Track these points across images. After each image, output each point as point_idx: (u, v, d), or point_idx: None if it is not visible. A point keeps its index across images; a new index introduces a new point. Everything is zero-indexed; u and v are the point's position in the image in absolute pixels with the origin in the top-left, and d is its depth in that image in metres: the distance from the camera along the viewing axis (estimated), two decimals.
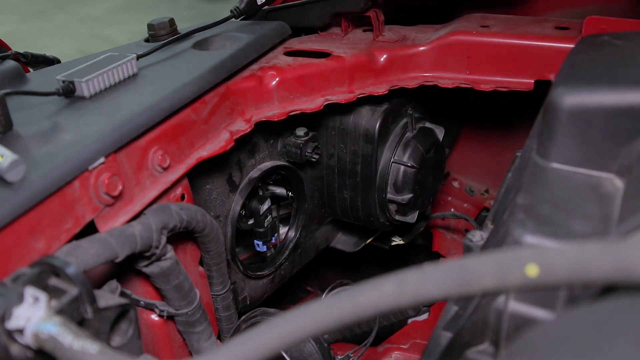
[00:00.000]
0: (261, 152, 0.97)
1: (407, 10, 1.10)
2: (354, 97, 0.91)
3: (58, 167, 0.58)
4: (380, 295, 0.35)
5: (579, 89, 0.52)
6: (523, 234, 0.45)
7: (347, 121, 1.01)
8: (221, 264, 0.82)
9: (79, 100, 0.72)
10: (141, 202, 0.68)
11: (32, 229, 0.55)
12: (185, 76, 0.77)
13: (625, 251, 0.32)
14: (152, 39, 0.94)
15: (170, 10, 4.55)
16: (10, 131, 0.65)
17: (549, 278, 0.33)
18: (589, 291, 0.41)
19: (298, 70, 0.89)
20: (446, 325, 0.54)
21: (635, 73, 0.54)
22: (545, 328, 0.35)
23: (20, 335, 0.44)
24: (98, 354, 0.41)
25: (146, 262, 0.68)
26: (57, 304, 0.47)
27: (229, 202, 0.93)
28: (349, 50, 0.94)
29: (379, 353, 0.98)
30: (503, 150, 0.97)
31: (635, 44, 0.61)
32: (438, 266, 0.35)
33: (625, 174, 0.49)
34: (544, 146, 0.53)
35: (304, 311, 0.36)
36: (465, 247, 0.62)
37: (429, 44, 0.93)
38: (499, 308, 0.47)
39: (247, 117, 0.86)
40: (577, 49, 0.63)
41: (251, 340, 0.36)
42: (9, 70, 0.82)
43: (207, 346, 0.78)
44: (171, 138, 0.73)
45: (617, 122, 0.50)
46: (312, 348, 0.80)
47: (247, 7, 0.99)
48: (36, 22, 4.80)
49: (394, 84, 0.94)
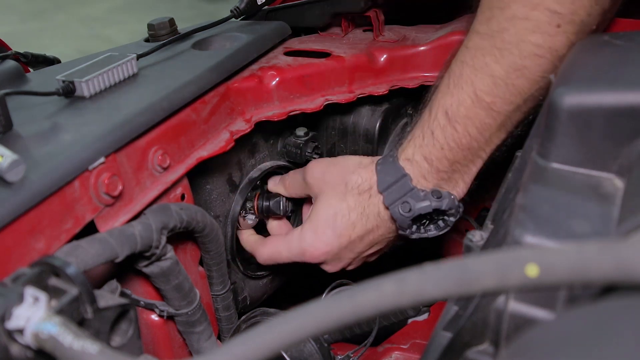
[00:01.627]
0: (261, 152, 0.97)
1: (407, 10, 1.10)
2: (354, 97, 0.91)
3: (58, 167, 0.58)
4: (380, 295, 0.35)
5: (579, 89, 0.52)
6: (523, 234, 0.45)
7: (347, 121, 1.01)
8: (221, 264, 0.82)
9: (79, 100, 0.72)
10: (141, 202, 0.68)
11: (32, 229, 0.55)
12: (185, 76, 0.77)
13: (625, 251, 0.33)
14: (152, 39, 0.94)
15: (170, 10, 4.55)
16: (10, 131, 0.65)
17: (549, 278, 0.33)
18: (589, 291, 0.41)
19: (298, 70, 0.89)
20: (446, 325, 0.54)
21: (635, 73, 0.54)
22: (545, 328, 0.35)
23: (20, 335, 0.45)
24: (98, 354, 0.41)
25: (146, 262, 0.68)
26: (57, 304, 0.47)
27: (229, 202, 0.93)
28: (349, 50, 0.94)
29: (379, 353, 0.98)
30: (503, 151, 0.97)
31: (635, 44, 0.61)
32: (438, 266, 0.35)
33: (625, 174, 0.49)
34: (544, 146, 0.53)
35: (304, 311, 0.36)
36: (465, 247, 0.62)
37: (429, 44, 0.93)
38: (499, 308, 0.47)
39: (247, 117, 0.86)
40: (577, 49, 0.63)
41: (251, 340, 0.36)
42: (9, 70, 0.82)
43: (207, 346, 0.78)
44: (171, 138, 0.73)
45: (617, 122, 0.49)
46: (312, 348, 0.80)
47: (247, 7, 0.99)
48: (36, 22, 4.80)
49: (394, 84, 0.94)
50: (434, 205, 0.74)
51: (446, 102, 0.72)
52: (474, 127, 0.70)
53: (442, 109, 0.72)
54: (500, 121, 0.70)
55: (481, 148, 0.73)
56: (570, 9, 0.62)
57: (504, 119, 0.70)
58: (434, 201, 0.74)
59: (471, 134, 0.71)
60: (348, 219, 0.81)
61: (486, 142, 0.72)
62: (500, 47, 0.66)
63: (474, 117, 0.70)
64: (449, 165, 0.74)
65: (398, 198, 0.76)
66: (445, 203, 0.74)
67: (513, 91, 0.67)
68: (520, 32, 0.64)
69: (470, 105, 0.70)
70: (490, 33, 0.67)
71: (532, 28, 0.64)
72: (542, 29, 0.63)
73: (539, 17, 0.63)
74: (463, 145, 0.72)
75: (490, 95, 0.68)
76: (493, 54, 0.67)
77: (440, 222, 0.79)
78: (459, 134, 0.71)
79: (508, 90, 0.67)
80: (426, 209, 0.74)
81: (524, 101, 0.68)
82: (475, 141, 0.72)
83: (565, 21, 0.62)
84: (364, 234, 0.82)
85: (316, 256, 0.84)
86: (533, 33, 0.64)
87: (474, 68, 0.69)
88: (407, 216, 0.75)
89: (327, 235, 0.82)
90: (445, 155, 0.73)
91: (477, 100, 0.69)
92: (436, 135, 0.73)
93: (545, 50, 0.64)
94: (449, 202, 0.74)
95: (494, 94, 0.68)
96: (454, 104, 0.71)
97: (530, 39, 0.64)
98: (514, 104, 0.68)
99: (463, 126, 0.71)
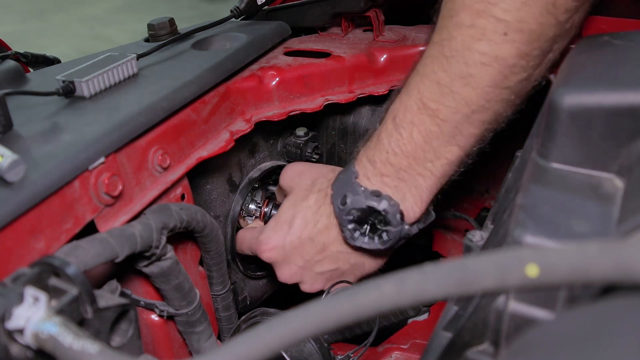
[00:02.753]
0: (261, 152, 0.97)
1: (407, 10, 1.10)
2: (354, 97, 0.92)
3: (58, 167, 0.58)
4: (380, 295, 0.35)
5: (579, 89, 0.52)
6: (523, 234, 0.45)
7: (347, 121, 1.01)
8: (221, 264, 0.82)
9: (79, 100, 0.72)
10: (141, 202, 0.68)
11: (32, 229, 0.55)
12: (185, 76, 0.77)
13: (625, 251, 0.33)
14: (152, 39, 0.94)
15: (170, 10, 4.55)
16: (10, 131, 0.65)
17: (549, 278, 0.33)
18: (589, 291, 0.41)
19: (298, 70, 0.89)
20: (446, 325, 0.54)
21: (635, 73, 0.54)
22: (546, 328, 0.36)
23: (20, 335, 0.45)
24: (98, 354, 0.41)
25: (146, 262, 0.68)
26: (57, 304, 0.47)
27: (229, 202, 0.93)
28: (349, 50, 0.94)
29: (379, 353, 0.98)
30: (503, 151, 0.97)
31: (635, 44, 0.61)
32: (438, 266, 0.35)
33: (625, 174, 0.49)
34: (544, 146, 0.53)
35: (304, 311, 0.36)
36: (465, 247, 0.62)
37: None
38: (499, 308, 0.47)
39: (247, 117, 0.86)
40: (577, 49, 0.63)
41: (251, 340, 0.36)
42: (9, 70, 0.82)
43: (207, 346, 0.78)
44: (171, 138, 0.73)
45: (617, 122, 0.50)
46: (312, 348, 0.80)
47: (247, 7, 0.99)
48: (36, 22, 4.80)
49: (394, 84, 0.94)
50: (368, 202, 0.73)
51: (395, 107, 0.72)
52: (418, 133, 0.70)
53: (391, 115, 0.73)
54: (447, 131, 0.69)
55: (428, 159, 0.71)
56: (516, 16, 0.61)
57: (451, 129, 0.69)
58: (370, 199, 0.73)
59: (416, 141, 0.70)
60: (303, 216, 0.81)
61: (435, 154, 0.71)
62: (447, 55, 0.66)
63: (419, 124, 0.70)
64: (393, 171, 0.73)
65: (339, 192, 0.76)
66: (382, 204, 0.72)
67: (459, 100, 0.66)
68: (466, 39, 0.64)
69: (416, 111, 0.70)
70: (439, 42, 0.67)
71: (477, 36, 0.63)
72: (487, 36, 0.62)
73: (484, 24, 0.62)
74: (407, 152, 0.71)
75: (435, 102, 0.68)
76: (441, 61, 0.67)
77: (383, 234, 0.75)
78: (404, 139, 0.71)
79: (454, 99, 0.67)
80: (360, 203, 0.73)
81: (472, 112, 0.67)
82: (421, 150, 0.71)
83: (513, 29, 0.61)
84: (314, 234, 0.81)
85: (265, 250, 0.83)
86: (479, 41, 0.63)
87: (422, 75, 0.69)
88: (343, 209, 0.74)
89: (282, 230, 0.82)
90: (388, 160, 0.73)
91: (423, 107, 0.69)
92: (381, 139, 0.73)
93: (491, 59, 0.63)
94: (387, 206, 0.72)
95: (439, 101, 0.68)
96: (401, 109, 0.71)
97: (475, 47, 0.63)
98: (461, 113, 0.67)
99: (408, 132, 0.71)
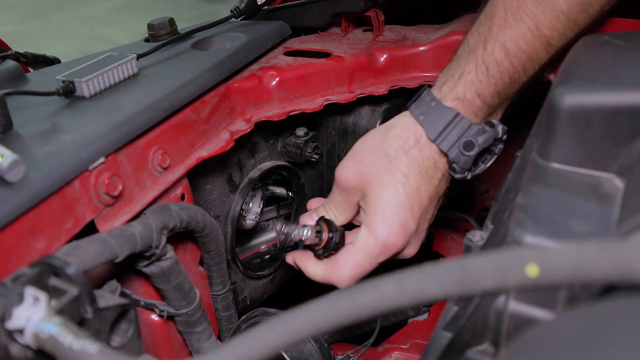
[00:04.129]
0: (261, 152, 0.97)
1: (407, 10, 1.10)
2: (354, 97, 0.91)
3: (58, 167, 0.58)
4: (380, 295, 0.35)
5: (579, 89, 0.52)
6: (523, 234, 0.45)
7: (347, 121, 1.01)
8: (221, 264, 0.82)
9: (79, 100, 0.72)
10: (141, 202, 0.68)
11: (32, 229, 0.55)
12: (185, 76, 0.77)
13: (625, 251, 0.33)
14: (152, 39, 0.94)
15: (170, 10, 4.55)
16: (10, 131, 0.65)
17: (549, 278, 0.33)
18: (589, 291, 0.41)
19: (298, 70, 0.89)
20: (446, 325, 0.54)
21: (635, 73, 0.54)
22: (546, 328, 0.35)
23: (20, 335, 0.45)
24: (98, 354, 0.41)
25: (146, 262, 0.68)
26: (57, 304, 0.47)
27: (229, 202, 0.93)
28: (349, 50, 0.94)
29: (379, 353, 0.98)
30: (503, 150, 0.97)
31: (635, 44, 0.61)
32: (438, 266, 0.35)
33: (625, 174, 0.49)
34: (544, 146, 0.53)
35: (304, 311, 0.36)
36: (465, 247, 0.62)
37: (429, 44, 0.93)
38: (499, 308, 0.47)
39: (247, 117, 0.86)
40: (577, 49, 0.63)
41: (251, 340, 0.36)
42: (9, 70, 0.82)
43: (207, 346, 0.78)
44: (171, 138, 0.73)
45: (617, 122, 0.50)
46: (312, 348, 0.80)
47: (247, 7, 0.99)
48: (36, 22, 4.80)
49: (394, 84, 0.94)
50: (493, 134, 0.71)
51: (505, 35, 0.69)
52: (529, 61, 0.69)
53: (499, 43, 0.70)
54: (551, 56, 0.69)
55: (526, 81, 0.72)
56: None
57: (554, 55, 0.69)
58: (491, 131, 0.71)
59: (525, 69, 0.70)
60: (410, 186, 0.73)
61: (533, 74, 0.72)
62: None
63: (532, 52, 0.69)
64: (499, 100, 0.72)
65: (457, 139, 0.71)
66: (500, 130, 0.72)
67: (572, 26, 0.66)
68: None
69: (530, 39, 0.68)
70: None
71: None
72: None
73: None
74: (515, 80, 0.70)
75: (550, 29, 0.67)
76: None
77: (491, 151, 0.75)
78: (515, 68, 0.70)
79: (568, 25, 0.66)
80: (488, 141, 0.71)
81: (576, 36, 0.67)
82: (526, 76, 0.71)
83: None
84: (432, 194, 0.75)
85: (399, 243, 0.75)
86: None
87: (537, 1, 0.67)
88: (471, 155, 0.71)
89: (398, 215, 0.73)
90: (497, 91, 0.71)
91: (538, 34, 0.68)
92: (491, 71, 0.70)
93: None
94: (502, 129, 0.72)
95: (553, 28, 0.67)
96: (513, 37, 0.69)
97: None
98: (568, 39, 0.68)
99: (519, 61, 0.69)
